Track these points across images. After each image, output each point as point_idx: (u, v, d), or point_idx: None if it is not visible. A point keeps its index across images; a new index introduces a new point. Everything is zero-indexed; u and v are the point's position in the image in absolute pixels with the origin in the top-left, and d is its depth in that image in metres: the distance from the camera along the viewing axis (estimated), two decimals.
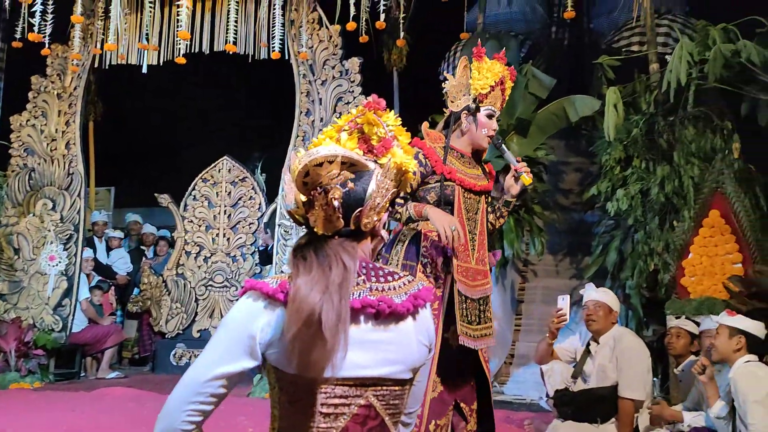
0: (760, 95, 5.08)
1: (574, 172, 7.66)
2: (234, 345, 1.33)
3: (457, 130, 3.05)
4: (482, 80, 2.97)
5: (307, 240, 1.39)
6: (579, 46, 9.53)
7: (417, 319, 1.42)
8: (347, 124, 1.45)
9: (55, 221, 7.08)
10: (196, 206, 7.59)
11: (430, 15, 7.26)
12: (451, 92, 3.06)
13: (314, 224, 1.37)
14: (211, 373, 1.31)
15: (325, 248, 1.35)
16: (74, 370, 7.04)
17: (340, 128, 1.45)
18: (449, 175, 2.92)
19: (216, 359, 1.33)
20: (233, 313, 1.36)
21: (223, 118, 9.73)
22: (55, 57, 7.20)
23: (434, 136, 3.05)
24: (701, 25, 5.34)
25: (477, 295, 2.93)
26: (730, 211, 4.66)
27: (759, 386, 3.15)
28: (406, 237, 2.97)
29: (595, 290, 3.94)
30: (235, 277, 7.38)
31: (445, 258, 2.88)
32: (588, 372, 3.85)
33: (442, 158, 2.94)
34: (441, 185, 2.90)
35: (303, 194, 1.37)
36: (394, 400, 1.38)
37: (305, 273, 1.30)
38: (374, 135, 1.44)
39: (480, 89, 2.97)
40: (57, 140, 7.23)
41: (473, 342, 2.87)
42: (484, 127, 2.99)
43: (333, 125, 1.46)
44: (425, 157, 2.91)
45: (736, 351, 3.31)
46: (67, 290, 6.93)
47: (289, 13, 6.73)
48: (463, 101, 3.02)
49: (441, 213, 2.80)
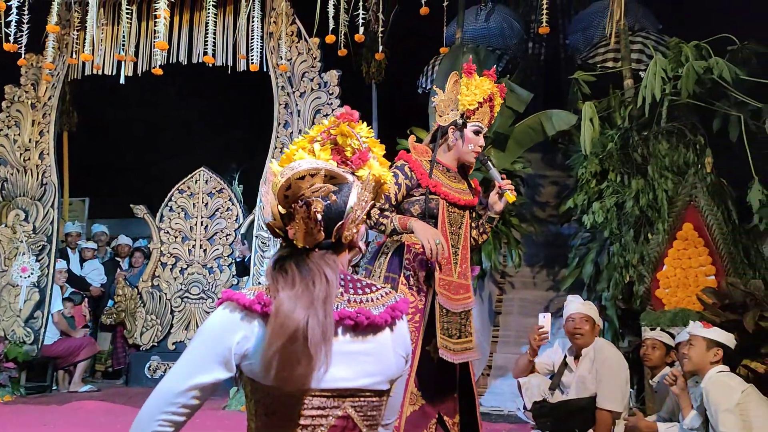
0: (731, 111, 5.18)
1: (550, 185, 7.74)
2: (209, 356, 1.32)
3: (444, 144, 3.07)
4: (470, 96, 3.00)
5: (288, 253, 1.38)
6: (555, 61, 9.67)
7: (394, 331, 1.43)
8: (320, 135, 1.45)
9: (28, 232, 6.97)
10: (173, 217, 7.52)
11: (409, 29, 7.31)
12: (440, 106, 3.09)
13: (294, 237, 1.37)
14: (185, 384, 1.30)
15: (306, 262, 1.35)
16: (46, 383, 6.90)
17: (313, 139, 1.45)
18: (434, 189, 2.93)
19: (190, 370, 1.32)
20: (209, 323, 1.36)
21: (201, 129, 9.67)
22: (29, 67, 7.12)
23: (420, 150, 3.06)
24: (674, 42, 5.44)
25: (458, 309, 2.94)
26: (703, 224, 4.73)
27: (730, 395, 3.20)
28: (389, 249, 2.97)
29: (581, 303, 3.94)
30: (211, 288, 7.31)
31: (428, 271, 2.89)
32: (567, 383, 3.87)
33: (428, 171, 2.95)
34: (426, 198, 2.91)
35: (283, 207, 1.36)
36: (371, 411, 1.38)
37: (287, 287, 1.30)
38: (348, 146, 1.45)
39: (468, 105, 3.01)
40: (30, 150, 7.13)
41: (453, 356, 2.87)
42: (471, 143, 3.03)
43: (305, 135, 1.46)
44: (411, 169, 2.93)
45: (714, 363, 3.35)
46: (39, 302, 6.81)
47: (268, 25, 6.74)
48: (450, 116, 3.04)
49: (425, 226, 2.81)
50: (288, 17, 6.71)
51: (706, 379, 3.31)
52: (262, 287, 1.36)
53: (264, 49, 6.50)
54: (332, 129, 1.44)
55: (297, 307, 1.26)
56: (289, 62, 6.68)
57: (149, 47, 6.73)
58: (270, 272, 1.35)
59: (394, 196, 2.90)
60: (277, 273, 1.33)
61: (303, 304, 1.27)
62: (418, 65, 9.11)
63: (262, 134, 7.09)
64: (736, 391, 3.22)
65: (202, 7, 6.37)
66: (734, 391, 3.22)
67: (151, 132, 9.66)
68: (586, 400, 3.71)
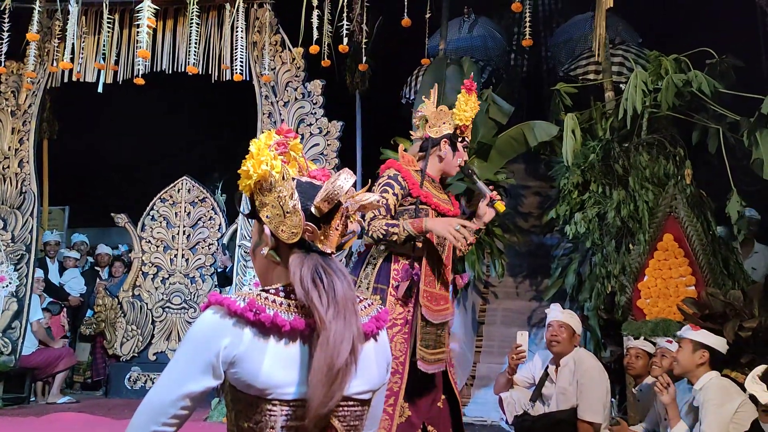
0: (710, 123, 5.26)
1: (533, 195, 7.79)
2: (197, 363, 1.29)
3: (434, 155, 3.10)
4: (468, 112, 3.08)
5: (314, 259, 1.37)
6: (537, 73, 9.77)
7: (378, 341, 1.44)
8: (274, 144, 1.45)
9: (6, 241, 6.87)
10: (155, 226, 7.46)
11: (393, 40, 7.35)
12: (431, 118, 3.12)
13: (322, 241, 1.39)
14: (174, 394, 1.28)
15: (330, 272, 1.35)
16: (24, 394, 6.78)
17: (269, 146, 1.44)
18: (425, 199, 2.97)
19: (179, 379, 1.29)
20: (196, 329, 1.32)
21: (183, 138, 9.62)
22: (9, 74, 7.04)
23: (408, 160, 3.09)
24: (654, 55, 5.52)
25: (438, 320, 2.96)
26: (683, 235, 4.78)
27: (730, 402, 3.20)
28: (377, 260, 2.97)
29: (561, 311, 3.98)
30: (193, 298, 7.24)
31: (410, 283, 2.90)
32: (548, 395, 3.88)
33: (418, 182, 2.98)
34: (416, 208, 2.94)
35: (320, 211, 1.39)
36: (354, 421, 1.38)
37: (326, 306, 1.30)
38: (294, 161, 1.47)
39: (464, 121, 3.08)
40: (10, 158, 7.04)
41: (427, 366, 2.90)
42: (460, 157, 3.11)
43: (255, 143, 1.44)
44: (404, 179, 2.96)
45: (699, 365, 3.37)
46: (18, 312, 6.70)
47: (252, 35, 6.74)
48: (443, 128, 3.09)
49: (440, 220, 2.87)
50: (272, 27, 6.71)
51: (702, 381, 3.31)
52: (252, 293, 1.34)
53: (248, 58, 6.50)
54: (289, 141, 1.45)
55: (344, 340, 1.27)
56: (273, 72, 6.68)
57: (131, 56, 6.70)
58: (306, 282, 1.32)
59: (393, 206, 2.93)
60: (311, 284, 1.32)
61: (348, 337, 1.28)
62: (401, 76, 9.15)
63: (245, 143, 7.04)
64: (736, 399, 3.22)
65: (186, 16, 6.36)
66: (734, 399, 3.22)
67: (132, 140, 9.59)
68: (567, 412, 3.72)
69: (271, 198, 1.39)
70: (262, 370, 1.27)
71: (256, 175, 1.38)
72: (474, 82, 3.13)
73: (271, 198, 1.40)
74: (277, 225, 1.38)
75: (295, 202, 1.37)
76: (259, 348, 1.28)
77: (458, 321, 6.48)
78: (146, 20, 4.96)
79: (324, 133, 6.59)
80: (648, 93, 5.27)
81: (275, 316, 1.29)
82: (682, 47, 5.43)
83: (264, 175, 1.39)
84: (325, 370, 1.25)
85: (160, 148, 9.36)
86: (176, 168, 7.83)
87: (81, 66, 6.68)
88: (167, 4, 6.59)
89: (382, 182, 2.97)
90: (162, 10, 6.52)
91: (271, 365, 1.28)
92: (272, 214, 1.39)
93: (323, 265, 1.35)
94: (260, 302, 1.31)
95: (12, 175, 7.00)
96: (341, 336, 1.27)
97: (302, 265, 1.34)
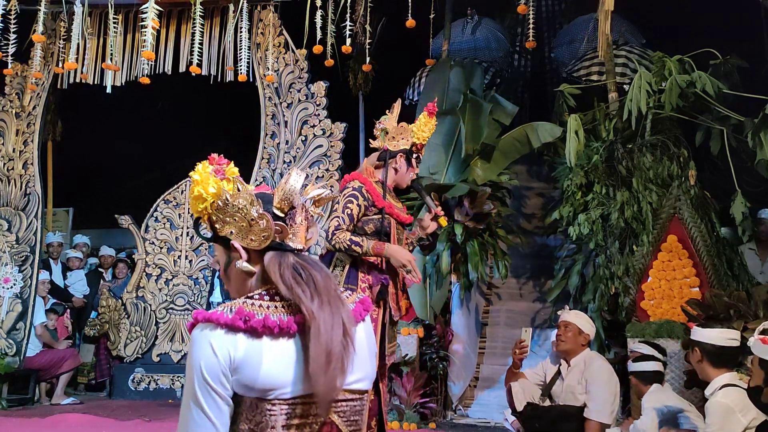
0: (713, 124, 5.25)
1: (536, 196, 7.77)
2: (212, 390, 1.30)
3: (390, 168, 3.34)
4: (425, 133, 3.33)
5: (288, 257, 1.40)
6: (540, 74, 9.74)
7: (365, 329, 1.46)
8: (211, 173, 1.46)
9: (11, 242, 6.90)
10: (158, 228, 7.47)
11: (396, 41, 7.35)
12: (391, 131, 3.36)
13: (291, 239, 1.42)
14: (208, 426, 1.30)
15: (306, 266, 1.39)
16: (28, 395, 6.79)
17: (208, 173, 1.46)
18: (388, 210, 3.22)
19: (201, 413, 1.30)
20: (196, 357, 1.32)
21: (187, 139, 9.63)
22: (14, 76, 7.07)
23: (370, 172, 3.33)
24: (657, 56, 5.51)
25: (397, 317, 3.27)
26: (687, 236, 4.78)
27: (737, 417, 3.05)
28: (344, 263, 3.18)
29: (568, 312, 4.09)
30: (197, 300, 7.26)
31: (382, 287, 3.14)
32: (556, 393, 3.93)
33: (381, 194, 3.23)
34: (382, 219, 3.19)
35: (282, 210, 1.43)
36: (354, 416, 1.39)
37: (311, 298, 1.32)
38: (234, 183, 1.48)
39: (422, 140, 3.33)
40: (14, 160, 7.07)
41: (388, 359, 3.20)
42: (413, 171, 3.38)
43: (197, 171, 1.47)
44: (368, 192, 3.19)
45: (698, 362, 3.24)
46: (22, 313, 6.73)
47: (256, 36, 6.75)
48: (401, 144, 3.33)
49: (399, 249, 3.15)
50: (275, 28, 6.73)
51: (712, 388, 3.13)
52: (238, 302, 1.35)
53: (251, 59, 6.51)
54: (224, 167, 1.48)
55: (335, 325, 1.30)
56: (277, 73, 6.68)
57: (136, 57, 6.72)
58: (287, 279, 1.35)
59: (356, 216, 3.15)
60: (292, 280, 1.35)
61: (337, 329, 1.31)
62: (405, 77, 9.15)
63: (249, 145, 7.08)
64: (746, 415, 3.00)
65: (190, 18, 6.37)
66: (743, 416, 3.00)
67: (136, 142, 9.60)
68: (576, 409, 3.77)
69: (231, 213, 1.41)
70: (260, 372, 1.29)
71: (210, 196, 1.41)
72: (436, 107, 3.35)
73: (230, 213, 1.41)
74: (245, 236, 1.41)
75: (257, 208, 1.40)
76: (256, 351, 1.30)
77: (461, 322, 6.47)
78: (151, 22, 4.97)
79: (327, 134, 6.60)
80: (652, 94, 5.26)
81: (266, 319, 1.31)
82: (686, 48, 5.42)
83: (218, 194, 1.41)
84: (323, 358, 1.27)
85: (164, 149, 9.37)
86: (180, 170, 7.83)
87: (86, 67, 6.71)
88: (171, 5, 6.60)
89: (347, 193, 3.19)
90: (166, 12, 6.54)
91: (268, 366, 1.29)
92: (236, 228, 1.41)
93: (298, 261, 1.39)
94: (248, 309, 1.32)
95: (16, 177, 7.03)
96: (331, 323, 1.30)
97: (280, 264, 1.37)
